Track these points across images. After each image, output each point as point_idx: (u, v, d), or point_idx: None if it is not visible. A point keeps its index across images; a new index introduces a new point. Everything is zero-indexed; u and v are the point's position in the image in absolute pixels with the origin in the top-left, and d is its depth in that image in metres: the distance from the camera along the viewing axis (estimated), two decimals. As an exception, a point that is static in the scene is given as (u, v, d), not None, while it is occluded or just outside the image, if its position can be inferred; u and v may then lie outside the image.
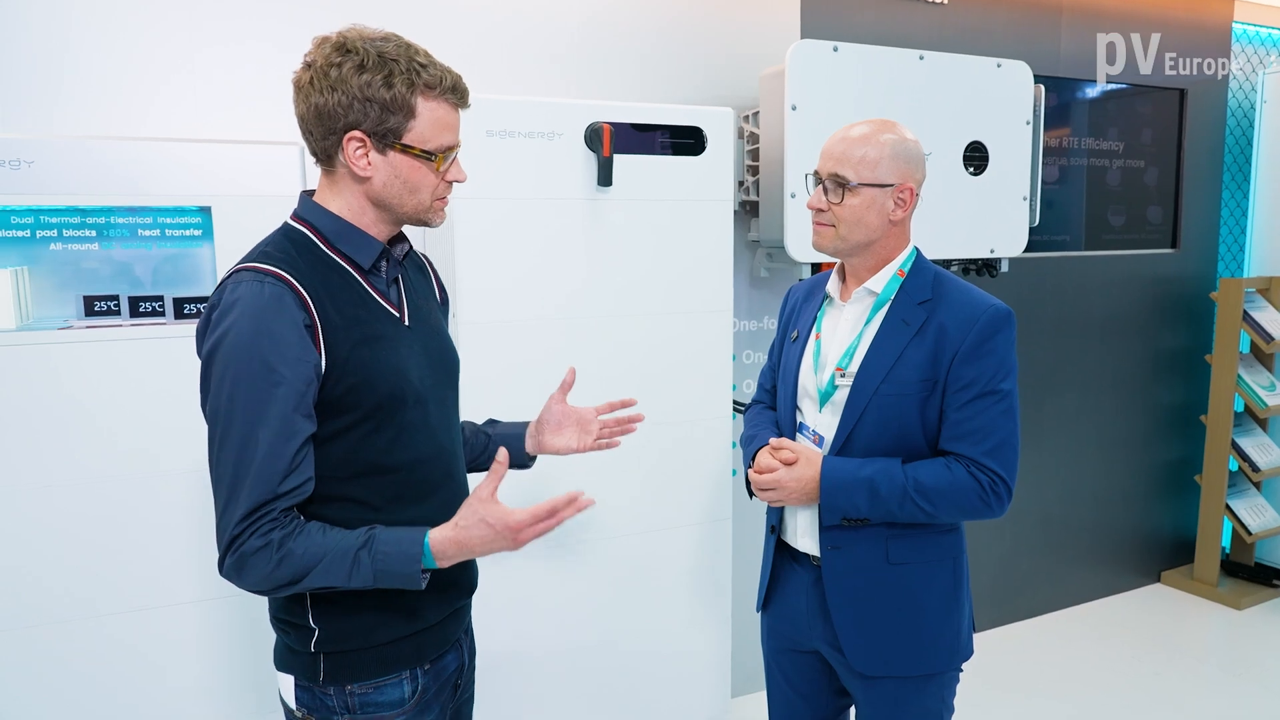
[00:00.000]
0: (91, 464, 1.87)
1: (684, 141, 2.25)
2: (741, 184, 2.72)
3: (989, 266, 2.91)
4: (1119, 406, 3.85)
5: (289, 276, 1.19)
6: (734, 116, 2.34)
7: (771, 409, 1.84)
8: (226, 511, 1.17)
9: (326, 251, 1.26)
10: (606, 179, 2.12)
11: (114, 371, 1.86)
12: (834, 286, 1.72)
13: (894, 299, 1.62)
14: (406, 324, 1.32)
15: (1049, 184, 3.50)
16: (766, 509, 1.79)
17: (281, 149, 1.97)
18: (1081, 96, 3.60)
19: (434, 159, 1.25)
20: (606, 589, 2.28)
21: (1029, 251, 2.97)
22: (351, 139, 1.21)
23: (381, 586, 1.20)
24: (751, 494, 1.71)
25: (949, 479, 1.54)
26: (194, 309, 1.91)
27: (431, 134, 1.24)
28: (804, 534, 1.70)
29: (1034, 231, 2.90)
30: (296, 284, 1.19)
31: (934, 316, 1.58)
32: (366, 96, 1.18)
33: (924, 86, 2.61)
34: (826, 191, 1.60)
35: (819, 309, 1.73)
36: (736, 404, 2.57)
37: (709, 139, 2.26)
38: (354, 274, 1.27)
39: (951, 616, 1.66)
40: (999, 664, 3.31)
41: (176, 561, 1.96)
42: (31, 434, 1.82)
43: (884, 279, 1.63)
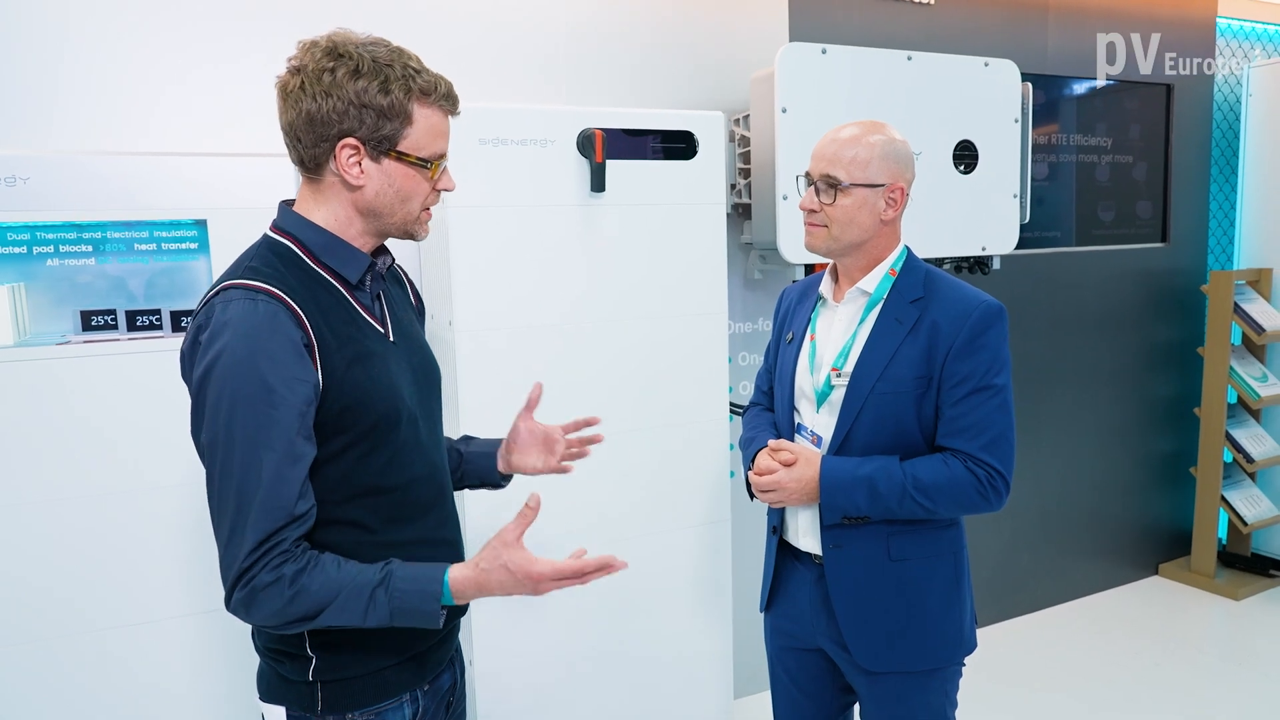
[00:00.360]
0: (92, 478, 1.87)
1: (675, 146, 2.26)
2: (733, 187, 2.73)
3: (981, 264, 2.92)
4: (1113, 401, 3.88)
5: (282, 294, 1.14)
6: (725, 120, 2.35)
7: (769, 411, 1.85)
8: (232, 543, 1.11)
9: (313, 266, 1.21)
10: (599, 185, 2.13)
11: (112, 385, 1.87)
12: (827, 287, 1.73)
13: (886, 298, 1.63)
14: (391, 340, 1.28)
15: (1039, 181, 3.52)
16: (768, 510, 1.80)
17: (276, 161, 1.97)
18: (1069, 94, 3.62)
19: (429, 167, 1.22)
20: (606, 593, 2.27)
21: (1020, 248, 2.98)
22: (345, 146, 1.16)
23: (398, 625, 1.16)
24: (752, 496, 1.72)
25: (947, 474, 1.55)
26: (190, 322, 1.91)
27: (426, 141, 1.20)
28: (805, 533, 1.71)
29: (1025, 228, 2.92)
30: (290, 301, 1.14)
31: (926, 314, 1.59)
32: (363, 103, 1.14)
33: (913, 87, 2.63)
34: (818, 192, 1.61)
35: (813, 310, 1.74)
36: (733, 406, 2.58)
37: (700, 143, 2.28)
38: (341, 290, 1.22)
39: (953, 611, 1.67)
40: (1001, 658, 3.32)
41: (177, 574, 1.96)
42: (30, 449, 1.82)
43: (876, 278, 1.65)
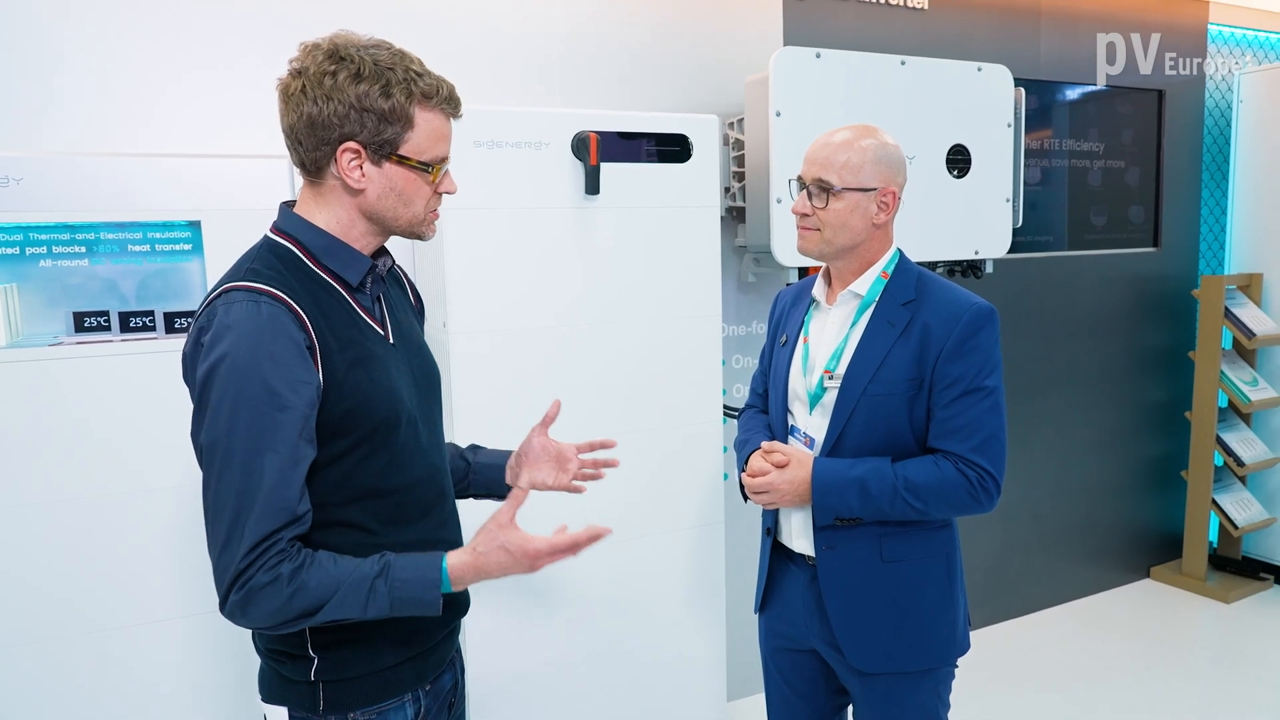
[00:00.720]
0: (85, 480, 1.86)
1: (670, 149, 2.27)
2: (728, 190, 2.74)
3: (974, 268, 2.94)
4: (1105, 404, 3.89)
5: (284, 296, 1.14)
6: (719, 123, 2.36)
7: (764, 413, 1.86)
8: (229, 546, 1.10)
9: (314, 269, 1.21)
10: (594, 187, 2.14)
11: (105, 387, 1.86)
12: (820, 290, 1.74)
13: (879, 300, 1.64)
14: (391, 342, 1.28)
15: (1031, 185, 3.53)
16: (762, 512, 1.80)
17: (271, 162, 1.98)
18: (1061, 99, 3.64)
19: (430, 170, 1.21)
20: (601, 595, 2.29)
21: (1013, 252, 3.00)
22: (346, 150, 1.16)
23: (398, 615, 1.16)
24: (746, 498, 1.73)
25: (938, 476, 1.56)
26: (184, 323, 1.91)
27: (428, 145, 1.20)
28: (799, 535, 1.71)
29: (1017, 232, 2.94)
30: (293, 303, 1.14)
31: (918, 316, 1.60)
32: (364, 106, 1.14)
33: (906, 91, 2.65)
34: (811, 196, 1.62)
35: (806, 313, 1.75)
36: (727, 409, 2.59)
37: (695, 146, 2.28)
38: (342, 292, 1.23)
39: (946, 612, 1.67)
40: (993, 660, 3.33)
41: (170, 576, 1.95)
42: (23, 451, 1.81)
43: (868, 281, 1.65)
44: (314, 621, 1.14)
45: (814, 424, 1.68)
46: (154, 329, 1.90)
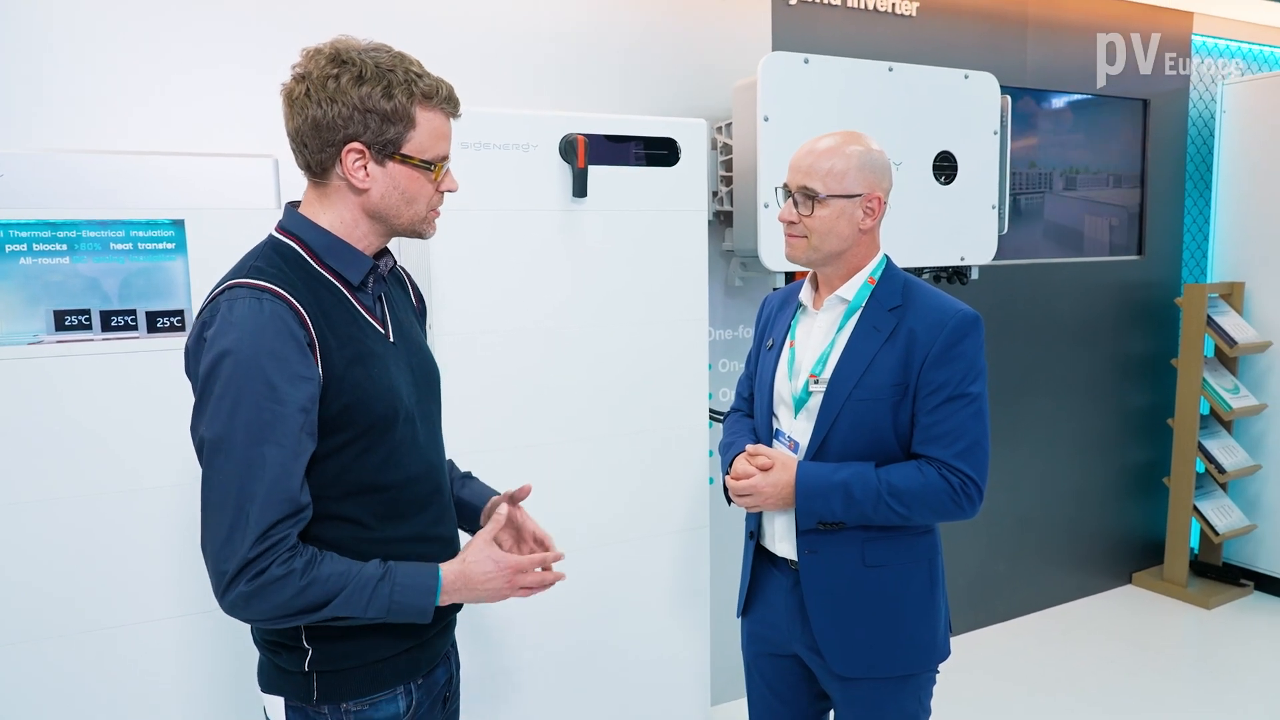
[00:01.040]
0: (65, 479, 1.84)
1: (658, 153, 2.27)
2: (715, 194, 2.74)
3: (960, 274, 2.95)
4: (1089, 410, 3.92)
5: (286, 293, 1.17)
6: (707, 127, 2.36)
7: (749, 417, 1.86)
8: (233, 536, 1.11)
9: (316, 267, 1.24)
10: (581, 190, 2.14)
11: (85, 386, 1.84)
12: (807, 295, 1.74)
13: (865, 306, 1.64)
14: (391, 340, 1.31)
15: (1016, 192, 3.56)
16: (745, 515, 1.80)
17: (255, 161, 1.96)
18: (1047, 107, 3.66)
19: (432, 169, 1.25)
20: (586, 598, 2.28)
21: (998, 259, 3.01)
22: (350, 150, 1.19)
23: (391, 620, 1.21)
24: (730, 501, 1.72)
25: (921, 481, 1.57)
26: (166, 323, 1.89)
27: (429, 144, 1.24)
28: (782, 539, 1.71)
29: (1002, 239, 2.95)
30: (294, 301, 1.17)
31: (904, 322, 1.60)
32: (367, 108, 1.18)
33: (894, 98, 2.66)
34: (796, 204, 1.62)
35: (793, 317, 1.76)
36: (713, 412, 2.59)
37: (682, 150, 2.29)
38: (343, 290, 1.25)
39: (928, 617, 1.68)
40: (975, 666, 3.34)
41: (156, 576, 1.93)
42: (1, 450, 1.79)
43: (855, 286, 1.66)
44: (314, 619, 1.16)
45: (799, 428, 1.68)
46: (136, 328, 1.88)
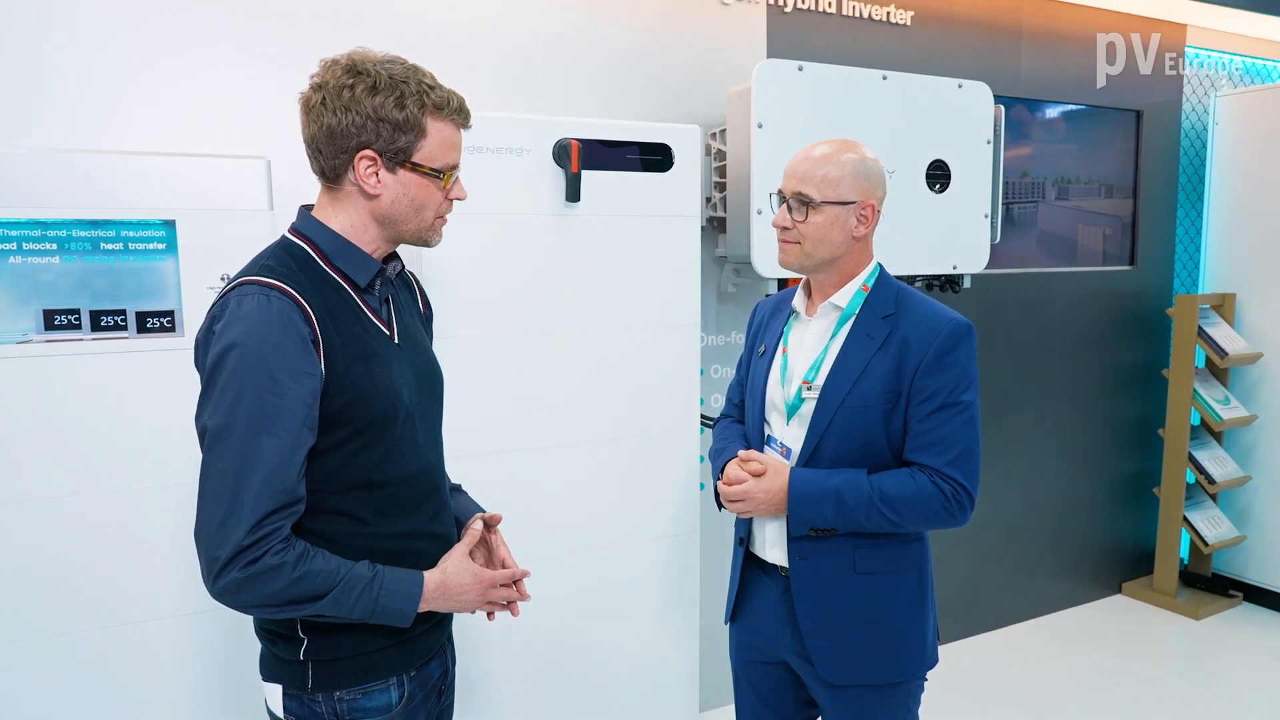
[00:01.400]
0: (52, 479, 1.83)
1: (652, 158, 2.27)
2: (709, 200, 2.74)
3: (952, 282, 2.96)
4: (1079, 420, 3.93)
5: (293, 291, 1.21)
6: (701, 134, 2.37)
7: (740, 423, 1.85)
8: (227, 523, 1.15)
9: (325, 268, 1.29)
10: (575, 195, 2.14)
11: (75, 386, 1.83)
12: (800, 302, 1.74)
13: (858, 313, 1.65)
14: (396, 342, 1.35)
15: (1009, 201, 3.57)
16: (735, 521, 1.80)
17: (247, 162, 1.95)
18: (1040, 116, 3.68)
19: (441, 177, 1.30)
20: (575, 603, 2.28)
21: (991, 268, 3.02)
22: (363, 157, 1.25)
23: (373, 622, 1.25)
24: (721, 506, 1.72)
25: (913, 489, 1.57)
26: (156, 323, 1.88)
27: (439, 153, 1.29)
28: (772, 545, 1.71)
29: (995, 248, 2.96)
30: (301, 299, 1.21)
31: (897, 330, 1.61)
32: (380, 117, 1.23)
33: (887, 106, 2.67)
34: (791, 210, 1.63)
35: (785, 324, 1.76)
36: (704, 418, 2.59)
37: (676, 156, 2.29)
38: (350, 292, 1.30)
39: (917, 624, 1.68)
40: (964, 674, 3.33)
41: (150, 575, 1.91)
42: (-11, 449, 1.78)
43: (848, 294, 1.66)
44: (301, 612, 1.21)
45: (791, 434, 1.68)
46: (125, 328, 1.87)
